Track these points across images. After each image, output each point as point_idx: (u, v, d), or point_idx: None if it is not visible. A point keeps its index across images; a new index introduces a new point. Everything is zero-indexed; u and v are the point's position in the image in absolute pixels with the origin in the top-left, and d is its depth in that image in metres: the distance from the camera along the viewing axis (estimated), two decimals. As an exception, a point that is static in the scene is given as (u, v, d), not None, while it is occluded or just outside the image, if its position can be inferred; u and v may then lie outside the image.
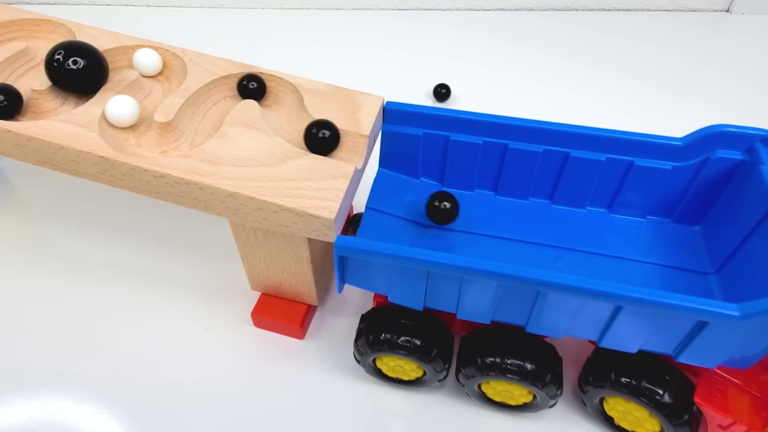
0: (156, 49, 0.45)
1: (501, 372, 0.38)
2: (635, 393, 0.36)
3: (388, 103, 0.42)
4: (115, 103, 0.40)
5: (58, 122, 0.40)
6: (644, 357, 0.37)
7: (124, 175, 0.39)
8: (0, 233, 0.55)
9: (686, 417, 0.36)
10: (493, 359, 0.38)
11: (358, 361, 0.43)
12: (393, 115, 0.43)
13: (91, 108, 0.41)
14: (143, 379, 0.45)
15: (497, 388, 0.40)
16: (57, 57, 0.40)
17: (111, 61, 0.46)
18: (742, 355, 0.33)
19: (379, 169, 0.45)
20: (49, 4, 0.87)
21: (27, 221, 0.56)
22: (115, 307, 0.49)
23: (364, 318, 0.42)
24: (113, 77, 0.43)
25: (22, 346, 0.46)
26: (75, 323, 0.48)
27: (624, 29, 0.83)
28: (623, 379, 0.37)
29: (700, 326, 0.32)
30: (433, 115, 0.42)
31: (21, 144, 0.40)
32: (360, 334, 0.41)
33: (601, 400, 0.40)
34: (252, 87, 0.43)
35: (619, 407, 0.39)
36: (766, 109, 0.69)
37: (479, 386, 0.41)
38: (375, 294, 0.44)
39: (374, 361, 0.42)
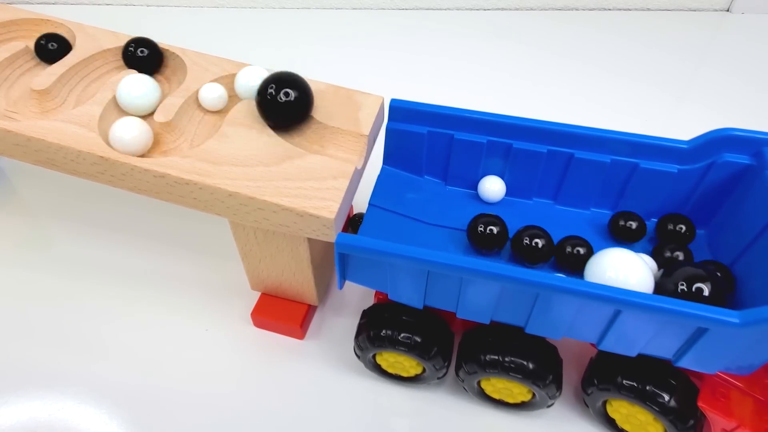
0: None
1: (503, 370, 0.37)
2: (640, 396, 0.36)
3: (393, 100, 0.42)
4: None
5: (58, 122, 0.40)
6: (649, 360, 0.36)
7: (124, 175, 0.39)
8: (0, 233, 0.55)
9: (691, 422, 0.36)
10: (495, 356, 0.38)
11: (358, 357, 0.43)
12: (398, 112, 0.42)
13: (91, 108, 0.41)
14: (143, 379, 0.44)
15: (497, 386, 0.40)
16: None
17: (111, 61, 0.46)
18: (743, 361, 0.33)
19: (382, 167, 0.45)
20: (49, 3, 0.87)
21: (27, 221, 0.56)
22: (115, 307, 0.49)
23: (365, 314, 0.42)
24: (113, 77, 0.43)
25: (21, 346, 0.46)
26: (74, 323, 0.48)
27: (624, 29, 0.83)
28: (628, 383, 0.36)
29: (700, 332, 0.31)
30: (437, 113, 0.42)
31: (21, 144, 0.40)
32: (361, 329, 0.41)
33: (604, 402, 0.39)
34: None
35: (622, 410, 0.39)
36: (766, 109, 0.69)
37: (479, 383, 0.41)
38: (376, 291, 0.44)
39: (374, 356, 0.42)
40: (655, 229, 0.42)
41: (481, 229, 0.40)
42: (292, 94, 0.38)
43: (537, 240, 0.39)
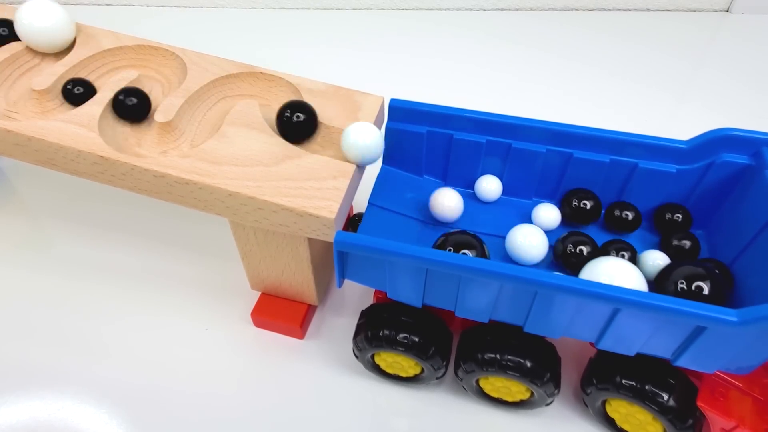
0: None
1: (501, 368, 0.38)
2: (639, 396, 0.36)
3: (392, 100, 0.42)
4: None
5: (58, 122, 0.40)
6: (648, 360, 0.36)
7: (124, 175, 0.39)
8: (0, 233, 0.55)
9: (690, 421, 0.36)
10: (493, 355, 0.38)
11: (357, 357, 0.43)
12: (397, 112, 0.42)
13: (91, 108, 0.41)
14: (143, 379, 0.44)
15: (495, 384, 0.40)
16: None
17: (111, 61, 0.46)
18: (742, 360, 0.33)
19: (382, 166, 0.45)
20: (48, 3, 0.87)
21: (27, 221, 0.56)
22: (115, 306, 0.49)
23: (364, 314, 0.42)
24: (113, 77, 0.43)
25: (21, 345, 0.46)
26: (74, 323, 0.48)
27: (624, 29, 0.83)
28: (627, 382, 0.36)
29: (698, 331, 0.31)
30: (436, 113, 0.42)
31: (21, 144, 0.40)
32: (359, 329, 0.41)
33: (604, 401, 0.40)
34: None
35: (622, 410, 0.39)
36: (765, 110, 0.69)
37: (477, 381, 0.41)
38: (375, 290, 0.44)
39: (373, 357, 0.42)
40: (653, 222, 0.43)
41: (571, 248, 0.39)
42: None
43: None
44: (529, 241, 0.39)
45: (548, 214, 0.42)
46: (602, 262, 0.35)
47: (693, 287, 0.33)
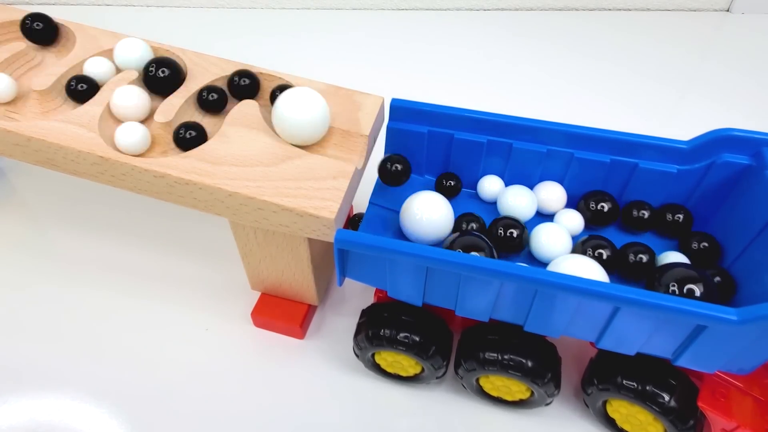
0: (156, 49, 0.45)
1: (502, 367, 0.38)
2: (640, 397, 0.36)
3: (393, 100, 0.42)
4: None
5: (58, 122, 0.40)
6: (649, 360, 0.36)
7: (124, 175, 0.39)
8: (0, 233, 0.55)
9: (691, 422, 0.36)
10: (494, 354, 0.38)
11: (357, 356, 0.43)
12: (398, 112, 0.42)
13: (91, 108, 0.41)
14: (143, 379, 0.44)
15: (495, 383, 0.40)
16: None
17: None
18: (742, 360, 0.33)
19: None
20: (49, 4, 0.87)
21: (27, 221, 0.56)
22: (115, 307, 0.49)
23: (365, 313, 0.42)
24: (113, 77, 0.43)
25: (22, 345, 0.46)
26: (75, 323, 0.48)
27: (624, 29, 0.83)
28: (628, 383, 0.36)
29: (699, 330, 0.31)
30: (437, 112, 0.42)
31: (21, 144, 0.40)
32: (360, 329, 0.41)
33: (604, 402, 0.39)
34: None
35: (622, 410, 0.39)
36: (766, 109, 0.69)
37: (477, 380, 0.41)
38: (376, 289, 0.44)
39: (373, 356, 0.42)
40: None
41: (590, 252, 0.39)
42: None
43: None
44: (553, 241, 0.39)
45: (571, 221, 0.42)
46: (564, 261, 0.35)
47: (684, 290, 0.33)
